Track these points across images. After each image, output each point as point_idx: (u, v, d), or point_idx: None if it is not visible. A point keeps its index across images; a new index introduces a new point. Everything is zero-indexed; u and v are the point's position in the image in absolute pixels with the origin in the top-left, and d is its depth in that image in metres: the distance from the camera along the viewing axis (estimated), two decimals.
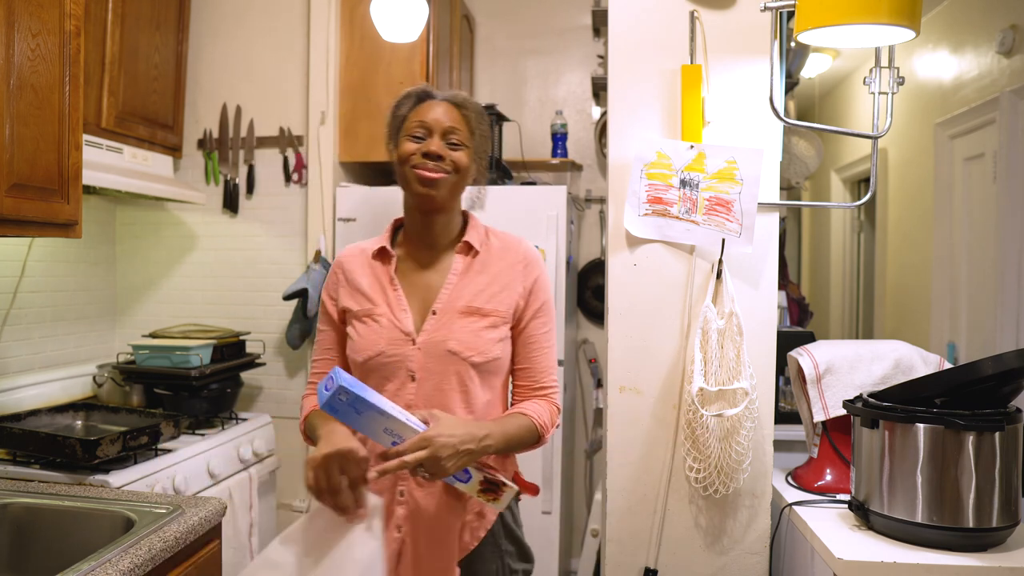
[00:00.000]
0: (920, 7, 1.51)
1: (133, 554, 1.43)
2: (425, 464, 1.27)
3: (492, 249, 1.53)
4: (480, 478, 1.38)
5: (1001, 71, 2.94)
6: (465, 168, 1.48)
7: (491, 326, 1.46)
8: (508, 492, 1.40)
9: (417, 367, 1.44)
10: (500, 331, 1.48)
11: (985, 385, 1.52)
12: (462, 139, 1.47)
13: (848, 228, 5.11)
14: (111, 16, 2.44)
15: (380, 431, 1.29)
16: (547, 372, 1.52)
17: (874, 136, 1.82)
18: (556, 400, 1.52)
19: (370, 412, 1.26)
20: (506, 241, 1.55)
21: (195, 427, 2.47)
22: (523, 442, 1.45)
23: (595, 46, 3.46)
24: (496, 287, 1.48)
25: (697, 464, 1.80)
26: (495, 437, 1.36)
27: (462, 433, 1.31)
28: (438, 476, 1.31)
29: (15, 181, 1.70)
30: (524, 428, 1.44)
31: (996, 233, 2.93)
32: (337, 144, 2.91)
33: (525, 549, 1.55)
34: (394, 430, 1.28)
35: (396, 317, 1.46)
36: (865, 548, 1.52)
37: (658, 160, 1.83)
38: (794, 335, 2.31)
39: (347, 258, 1.56)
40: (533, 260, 1.53)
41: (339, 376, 1.24)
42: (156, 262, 3.01)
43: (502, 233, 1.57)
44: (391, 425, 1.28)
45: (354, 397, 1.24)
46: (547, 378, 1.52)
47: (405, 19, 2.44)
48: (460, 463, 1.31)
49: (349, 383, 1.24)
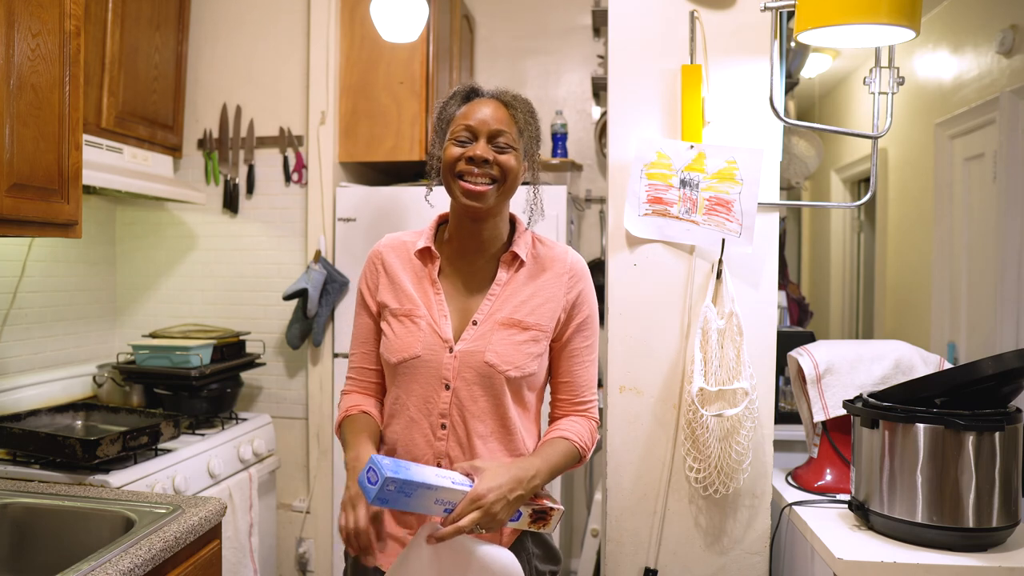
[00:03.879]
0: (920, 7, 1.52)
1: (133, 554, 1.43)
2: (480, 523, 1.25)
3: (539, 259, 1.47)
4: (529, 512, 1.36)
5: (1001, 71, 2.94)
6: (514, 172, 1.40)
7: (532, 340, 1.41)
8: (556, 514, 1.38)
9: (452, 376, 1.39)
10: (540, 346, 1.43)
11: (985, 385, 1.52)
12: (510, 141, 1.38)
13: (848, 228, 5.11)
14: (111, 16, 2.44)
15: (431, 504, 1.26)
16: (588, 387, 1.47)
17: (874, 136, 1.82)
18: (594, 415, 1.47)
19: (419, 491, 1.23)
20: (553, 251, 1.48)
21: (195, 427, 2.47)
22: (567, 467, 1.42)
23: (595, 46, 3.47)
24: (539, 299, 1.43)
25: (697, 464, 1.80)
26: (541, 473, 1.34)
27: (509, 481, 1.28)
28: (495, 529, 1.29)
29: (15, 181, 1.70)
30: (567, 455, 1.40)
31: (996, 233, 2.93)
32: (337, 144, 2.91)
33: (552, 551, 1.51)
34: (444, 499, 1.26)
35: (436, 322, 1.41)
36: (865, 548, 1.52)
37: (658, 160, 1.83)
38: (794, 335, 2.31)
39: (387, 250, 1.50)
40: (579, 272, 1.47)
41: (380, 466, 1.20)
42: (156, 262, 3.01)
43: (550, 242, 1.50)
44: (441, 496, 1.25)
45: (402, 483, 1.21)
46: (587, 392, 1.47)
47: (405, 19, 2.44)
48: (512, 510, 1.29)
49: (393, 470, 1.20)
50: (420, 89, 2.85)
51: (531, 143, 1.45)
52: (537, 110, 1.48)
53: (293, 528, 2.90)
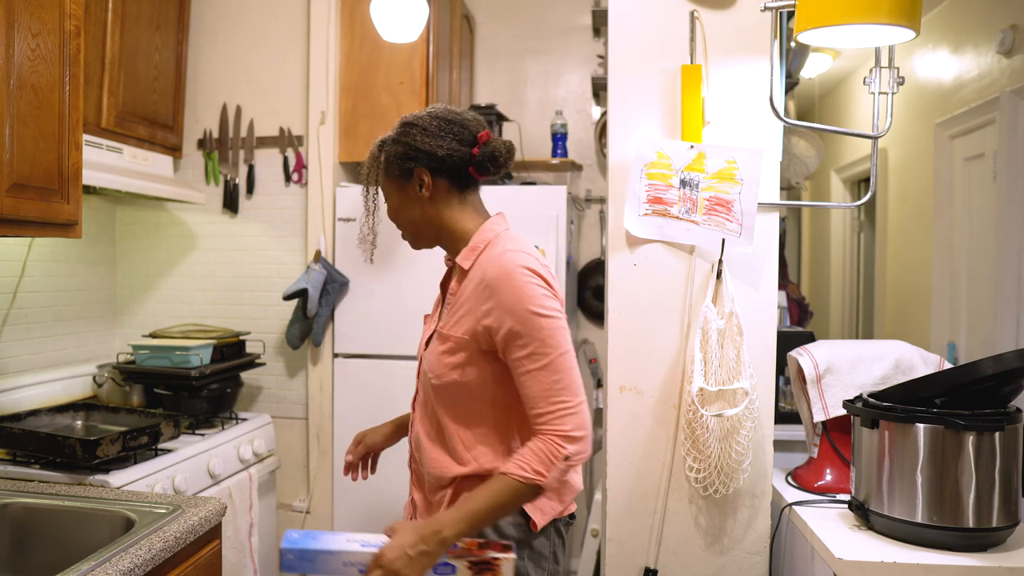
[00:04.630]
0: (920, 7, 1.51)
1: (133, 554, 1.43)
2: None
3: (477, 267, 1.45)
4: (466, 564, 1.36)
5: (1001, 71, 2.94)
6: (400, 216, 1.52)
7: (448, 351, 1.45)
8: (505, 564, 1.35)
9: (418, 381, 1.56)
10: (458, 356, 1.44)
11: (985, 385, 1.52)
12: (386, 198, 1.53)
13: (848, 228, 5.11)
14: (111, 16, 2.44)
15: (340, 566, 1.36)
16: (536, 400, 1.37)
17: (874, 136, 1.82)
18: (550, 428, 1.34)
19: (321, 557, 1.36)
20: (484, 258, 1.45)
21: (195, 427, 2.47)
22: (504, 507, 1.35)
23: (595, 46, 3.47)
24: (462, 311, 1.45)
25: (697, 464, 1.80)
26: (455, 524, 1.33)
27: (411, 538, 1.32)
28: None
29: (15, 181, 1.70)
30: (498, 493, 1.34)
31: (996, 233, 2.93)
32: (337, 144, 2.91)
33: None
34: (352, 561, 1.35)
35: (427, 328, 1.58)
36: (865, 548, 1.52)
37: (658, 160, 1.83)
38: (794, 335, 2.31)
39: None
40: (492, 284, 1.40)
41: (284, 539, 1.37)
42: (156, 262, 3.01)
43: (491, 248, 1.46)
44: (348, 559, 1.35)
45: (299, 552, 1.36)
46: (538, 405, 1.36)
47: (405, 19, 2.44)
48: (422, 565, 1.32)
49: (291, 542, 1.36)
50: (420, 89, 2.85)
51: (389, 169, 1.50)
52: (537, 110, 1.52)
53: (293, 528, 2.89)
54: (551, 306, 1.40)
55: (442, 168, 1.46)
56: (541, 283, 1.41)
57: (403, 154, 1.46)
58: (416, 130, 1.47)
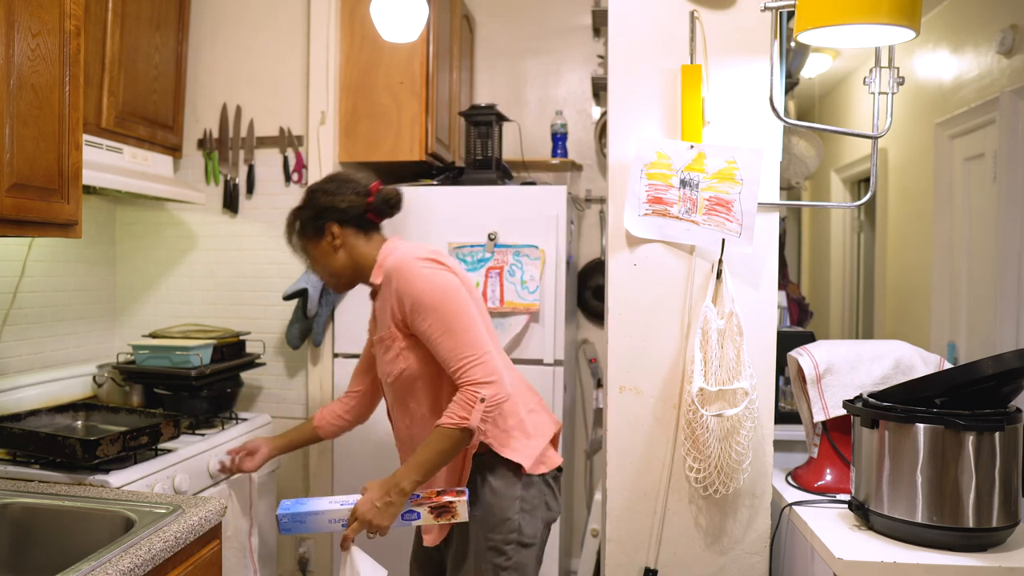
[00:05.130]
0: (920, 7, 1.51)
1: (133, 554, 1.43)
2: (366, 530, 1.63)
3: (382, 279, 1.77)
4: (427, 509, 1.66)
5: (1001, 71, 2.95)
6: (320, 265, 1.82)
7: (385, 348, 1.77)
8: (460, 504, 1.66)
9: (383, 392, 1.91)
10: (394, 348, 1.74)
11: (985, 385, 1.52)
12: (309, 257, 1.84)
13: (848, 228, 5.11)
14: (111, 16, 2.44)
15: (327, 524, 1.67)
16: (449, 360, 1.65)
17: (874, 136, 1.82)
18: (467, 378, 1.62)
19: (310, 517, 1.66)
20: (384, 269, 1.76)
21: (195, 427, 2.47)
22: (444, 452, 1.64)
23: (595, 46, 3.47)
24: (384, 311, 1.76)
25: (697, 464, 1.80)
26: (408, 475, 1.64)
27: (378, 493, 1.64)
28: (383, 531, 1.64)
29: (15, 181, 1.70)
30: (436, 442, 1.63)
31: (996, 233, 2.93)
32: (337, 144, 2.91)
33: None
34: (336, 518, 1.66)
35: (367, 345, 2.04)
36: (865, 548, 1.52)
37: (658, 160, 1.83)
38: (794, 335, 2.31)
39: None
40: (391, 274, 1.73)
41: (280, 507, 1.68)
42: (156, 262, 3.01)
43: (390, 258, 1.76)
44: (331, 516, 1.66)
45: (291, 515, 1.66)
46: (453, 364, 1.65)
47: (405, 19, 2.43)
48: (390, 513, 1.63)
49: (285, 508, 1.67)
50: (420, 89, 2.85)
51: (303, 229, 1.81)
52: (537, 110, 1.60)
53: None
54: (441, 278, 1.69)
55: (346, 218, 1.77)
56: (428, 263, 1.72)
57: (313, 215, 1.79)
58: (319, 193, 1.79)
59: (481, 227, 2.69)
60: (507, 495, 1.75)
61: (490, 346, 1.68)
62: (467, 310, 1.67)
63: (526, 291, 2.64)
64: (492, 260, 2.67)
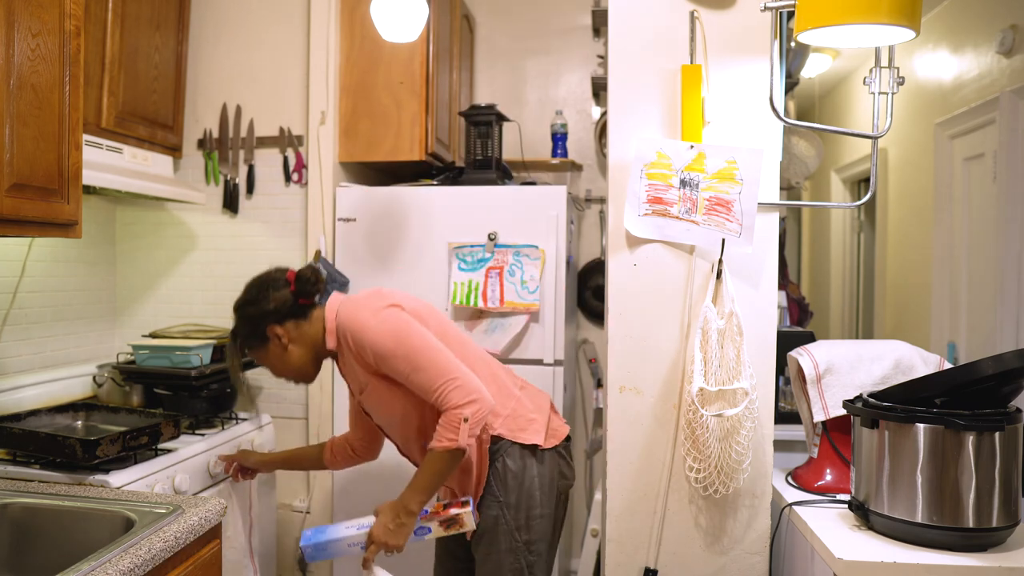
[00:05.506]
0: (920, 7, 1.51)
1: (133, 554, 1.43)
2: (384, 550, 1.75)
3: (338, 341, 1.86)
4: (437, 523, 1.77)
5: (1001, 71, 2.95)
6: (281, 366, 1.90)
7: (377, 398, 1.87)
8: (466, 513, 1.77)
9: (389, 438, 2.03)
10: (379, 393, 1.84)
11: (985, 385, 1.52)
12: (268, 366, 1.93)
13: (848, 228, 5.11)
14: (111, 16, 2.44)
15: (347, 548, 1.79)
16: (426, 392, 1.74)
17: (874, 136, 1.82)
18: (446, 402, 1.71)
19: (331, 545, 1.78)
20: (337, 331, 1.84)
21: (195, 427, 2.47)
22: (441, 472, 1.74)
23: (595, 46, 3.46)
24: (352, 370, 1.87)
25: (697, 464, 1.80)
26: (414, 497, 1.75)
27: (389, 516, 1.75)
28: (399, 549, 1.75)
29: (15, 181, 1.70)
30: (432, 464, 1.73)
31: (996, 233, 2.93)
32: (337, 144, 2.91)
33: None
34: (354, 542, 1.78)
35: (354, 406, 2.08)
36: (865, 548, 1.52)
37: (658, 160, 1.83)
38: (794, 335, 2.31)
39: None
40: (342, 336, 1.82)
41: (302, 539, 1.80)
42: (156, 262, 3.01)
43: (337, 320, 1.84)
44: (351, 540, 1.78)
45: (312, 546, 1.79)
46: (431, 396, 1.74)
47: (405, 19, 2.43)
48: (403, 533, 1.75)
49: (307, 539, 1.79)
50: (420, 89, 2.85)
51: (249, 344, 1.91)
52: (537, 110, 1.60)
53: (293, 528, 2.90)
54: (389, 322, 1.77)
55: (280, 314, 1.85)
56: (371, 311, 1.79)
57: (251, 329, 1.88)
58: (246, 307, 1.89)
59: (481, 227, 2.69)
60: (526, 475, 1.85)
61: (458, 366, 1.75)
62: (425, 343, 1.76)
63: (526, 291, 2.64)
64: (492, 260, 2.67)
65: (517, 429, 1.87)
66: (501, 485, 1.85)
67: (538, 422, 1.91)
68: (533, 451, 1.87)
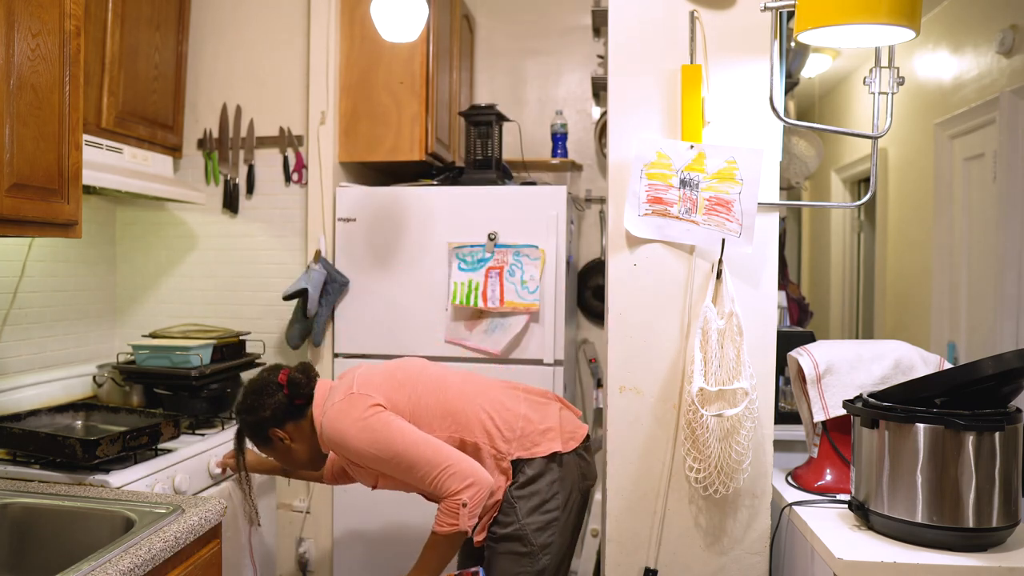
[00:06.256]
0: (920, 7, 1.51)
1: (133, 554, 1.43)
2: None
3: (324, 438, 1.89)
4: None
5: (1001, 71, 2.95)
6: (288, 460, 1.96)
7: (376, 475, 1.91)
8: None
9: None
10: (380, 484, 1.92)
11: (985, 385, 1.52)
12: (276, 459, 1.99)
13: (848, 228, 5.11)
14: (111, 16, 2.44)
15: None
16: (422, 485, 1.80)
17: (874, 136, 1.82)
18: (445, 491, 1.76)
19: None
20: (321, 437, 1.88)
21: (195, 427, 2.47)
22: (445, 553, 1.81)
23: (595, 46, 3.46)
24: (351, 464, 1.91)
25: (697, 464, 1.80)
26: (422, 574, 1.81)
27: None
28: None
29: (15, 181, 1.70)
30: (436, 546, 1.80)
31: (996, 233, 2.93)
32: (337, 144, 2.91)
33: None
34: None
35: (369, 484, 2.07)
36: (865, 548, 1.52)
37: (658, 160, 1.83)
38: (794, 335, 2.31)
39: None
40: (332, 446, 1.87)
41: None
42: (156, 262, 3.01)
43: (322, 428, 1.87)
44: None
45: None
46: (427, 488, 1.80)
47: (405, 19, 2.43)
48: None
49: None
50: (420, 89, 2.85)
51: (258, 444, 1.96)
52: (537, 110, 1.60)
53: (293, 528, 2.90)
54: (371, 429, 1.80)
55: (278, 416, 1.89)
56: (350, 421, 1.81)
57: (254, 433, 1.94)
58: (245, 415, 1.92)
59: (481, 227, 2.69)
60: (545, 480, 1.90)
61: (448, 453, 1.80)
62: (410, 440, 1.80)
63: (526, 291, 2.64)
64: (492, 260, 2.67)
65: (532, 446, 1.91)
66: (520, 489, 1.89)
67: (552, 431, 1.94)
68: (553, 457, 1.92)
